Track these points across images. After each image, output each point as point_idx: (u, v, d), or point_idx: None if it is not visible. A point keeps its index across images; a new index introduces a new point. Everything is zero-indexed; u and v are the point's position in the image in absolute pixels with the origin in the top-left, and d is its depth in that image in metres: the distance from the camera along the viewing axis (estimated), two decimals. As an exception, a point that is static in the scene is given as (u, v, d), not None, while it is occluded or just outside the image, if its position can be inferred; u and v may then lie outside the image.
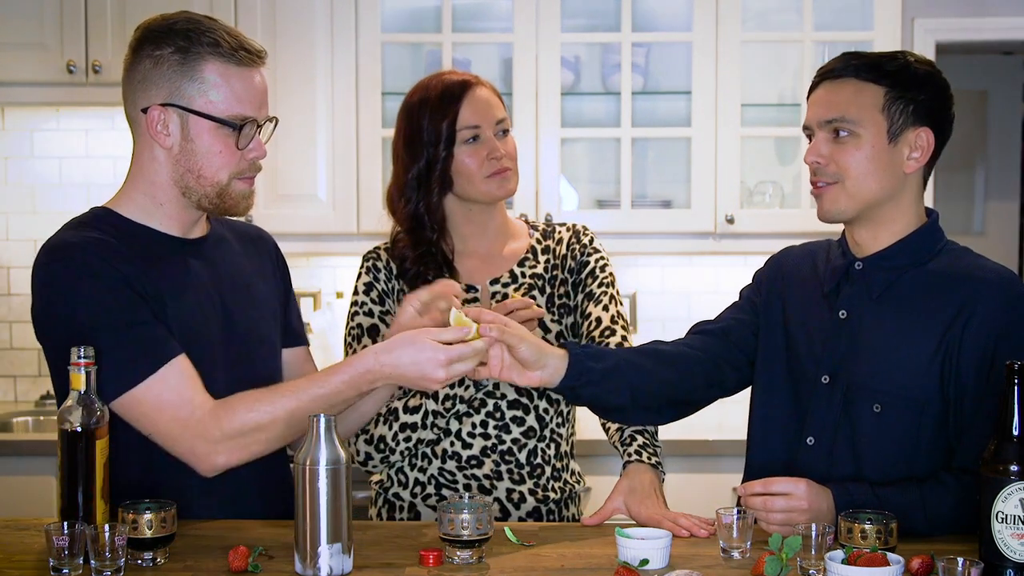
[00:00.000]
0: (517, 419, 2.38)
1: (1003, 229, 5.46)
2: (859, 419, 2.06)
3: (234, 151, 2.03)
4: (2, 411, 3.92)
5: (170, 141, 2.02)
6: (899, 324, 2.05)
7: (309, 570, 1.78)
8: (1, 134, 4.06)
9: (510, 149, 2.43)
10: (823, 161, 2.07)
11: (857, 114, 2.04)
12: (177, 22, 2.03)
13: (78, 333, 1.93)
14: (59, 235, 2.04)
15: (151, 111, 2.02)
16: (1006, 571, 1.71)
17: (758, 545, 1.89)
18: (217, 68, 2.00)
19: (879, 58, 2.08)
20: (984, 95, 5.50)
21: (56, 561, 1.77)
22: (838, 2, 3.86)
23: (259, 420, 1.97)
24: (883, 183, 2.05)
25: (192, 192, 2.05)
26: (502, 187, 2.41)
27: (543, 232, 2.52)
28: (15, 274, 4.07)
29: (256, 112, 2.04)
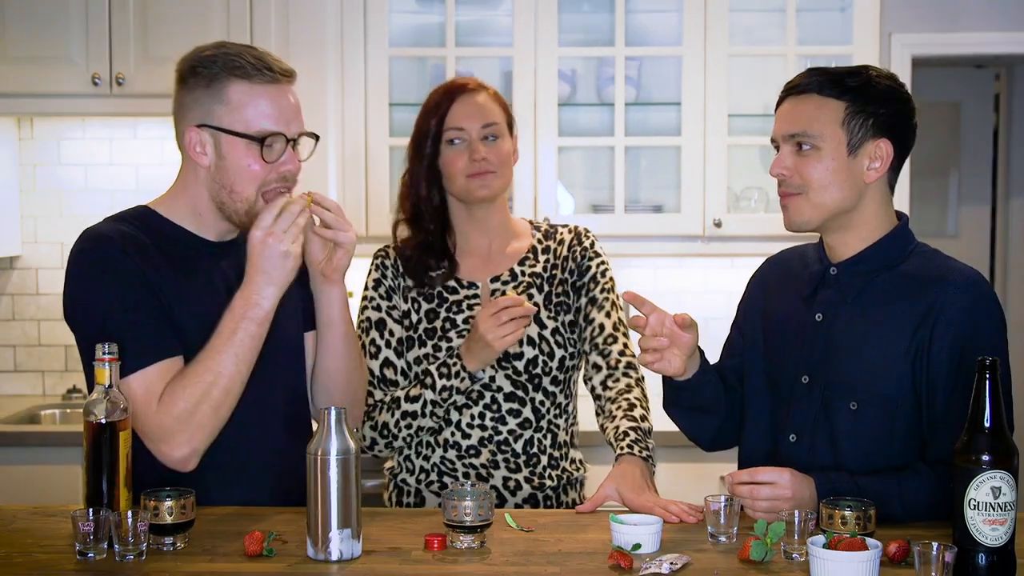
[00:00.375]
0: (513, 411, 2.38)
1: (975, 232, 5.46)
2: (837, 417, 2.06)
3: (263, 165, 2.03)
4: (31, 404, 3.92)
5: (206, 160, 2.06)
6: (872, 326, 2.05)
7: (320, 554, 1.78)
8: (30, 143, 4.06)
9: (498, 153, 2.39)
10: (787, 173, 2.07)
11: (818, 129, 2.04)
12: (207, 50, 2.07)
13: (92, 320, 1.97)
14: (97, 225, 2.07)
15: (188, 133, 2.06)
16: (978, 555, 1.71)
17: (744, 530, 1.89)
18: (240, 88, 2.03)
19: (841, 74, 2.07)
20: (958, 106, 5.50)
21: (82, 545, 1.77)
22: (819, 19, 3.85)
23: (195, 393, 1.95)
24: (844, 193, 2.05)
25: (226, 207, 2.06)
26: (481, 188, 2.39)
27: (545, 232, 2.50)
28: (43, 275, 4.06)
29: (284, 127, 2.04)
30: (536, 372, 2.38)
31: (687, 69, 3.69)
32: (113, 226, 2.06)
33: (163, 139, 4.04)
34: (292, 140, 2.06)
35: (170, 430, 1.95)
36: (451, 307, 2.42)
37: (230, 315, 1.99)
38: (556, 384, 2.41)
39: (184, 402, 1.95)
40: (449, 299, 2.43)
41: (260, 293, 1.99)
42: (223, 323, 1.99)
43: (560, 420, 2.43)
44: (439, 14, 3.81)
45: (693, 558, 1.79)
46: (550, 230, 2.51)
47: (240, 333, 1.98)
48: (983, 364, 1.73)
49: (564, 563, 1.79)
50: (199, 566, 1.77)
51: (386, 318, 2.42)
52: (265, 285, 1.99)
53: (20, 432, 3.56)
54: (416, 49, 3.85)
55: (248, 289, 2.00)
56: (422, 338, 2.41)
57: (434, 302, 2.43)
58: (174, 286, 2.03)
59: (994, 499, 1.70)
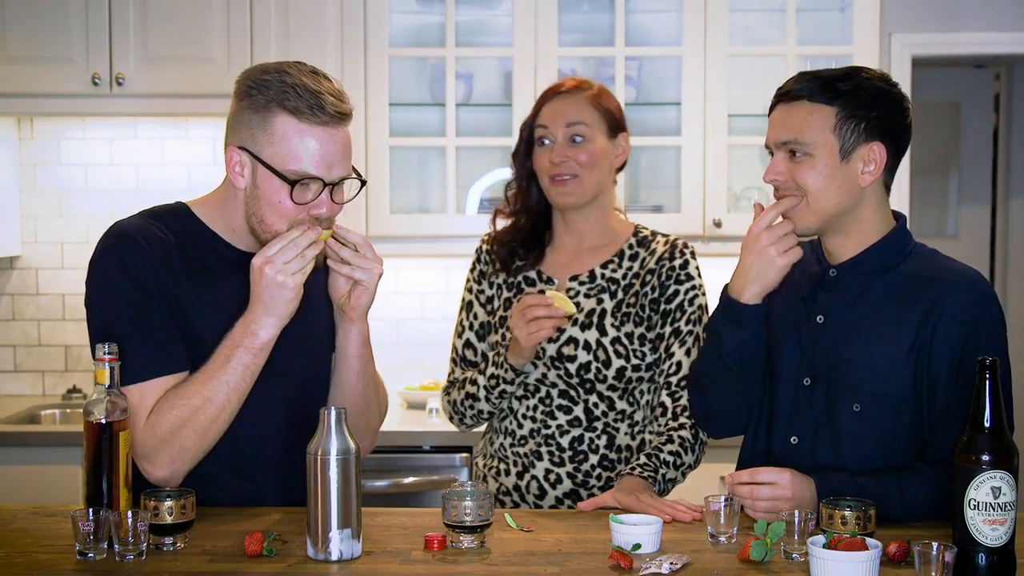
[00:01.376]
0: (563, 408, 2.40)
1: (975, 232, 5.45)
2: (839, 418, 2.05)
3: (292, 205, 1.97)
4: (31, 404, 3.92)
5: (243, 182, 2.01)
6: (874, 327, 2.05)
7: (320, 554, 1.78)
8: (30, 142, 4.06)
9: (582, 154, 2.37)
10: (781, 178, 2.06)
11: (809, 136, 2.03)
12: (269, 71, 1.99)
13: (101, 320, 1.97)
14: (128, 221, 2.05)
15: (230, 151, 2.01)
16: (978, 555, 1.71)
17: (744, 530, 1.89)
18: (287, 123, 1.94)
19: (832, 78, 2.05)
20: (957, 106, 5.50)
21: (82, 545, 1.77)
22: (819, 19, 3.86)
23: (181, 416, 1.94)
24: (840, 198, 2.04)
25: (256, 233, 2.03)
26: (561, 196, 2.40)
27: (641, 239, 2.47)
28: (43, 275, 4.06)
29: (324, 172, 1.96)
30: (588, 377, 2.37)
31: (687, 69, 3.70)
32: (143, 224, 2.03)
33: (163, 139, 4.04)
34: (331, 184, 1.99)
35: (152, 449, 1.94)
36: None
37: (228, 341, 1.96)
38: (614, 391, 2.38)
39: (169, 423, 1.94)
40: (525, 291, 2.46)
41: (258, 323, 1.95)
42: (220, 348, 1.96)
43: (621, 424, 2.39)
44: (439, 14, 3.81)
45: (693, 558, 1.79)
46: (648, 238, 2.47)
47: (234, 361, 1.95)
48: (983, 364, 1.73)
49: (564, 563, 1.79)
50: (199, 566, 1.77)
51: (474, 301, 2.51)
52: (263, 315, 1.95)
53: (20, 432, 3.56)
54: (416, 49, 3.85)
55: (248, 317, 1.96)
56: (496, 326, 2.46)
57: (513, 291, 2.47)
58: (195, 293, 2.01)
59: (994, 499, 1.70)
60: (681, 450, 2.30)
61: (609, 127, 2.43)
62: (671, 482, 2.30)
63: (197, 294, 2.02)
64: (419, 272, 4.07)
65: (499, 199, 3.83)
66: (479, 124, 3.85)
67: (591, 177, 2.39)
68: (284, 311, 1.96)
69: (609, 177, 2.45)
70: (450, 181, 3.75)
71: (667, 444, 2.30)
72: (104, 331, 1.94)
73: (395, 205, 3.77)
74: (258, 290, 1.94)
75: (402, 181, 3.88)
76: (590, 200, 2.41)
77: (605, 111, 2.42)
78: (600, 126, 2.41)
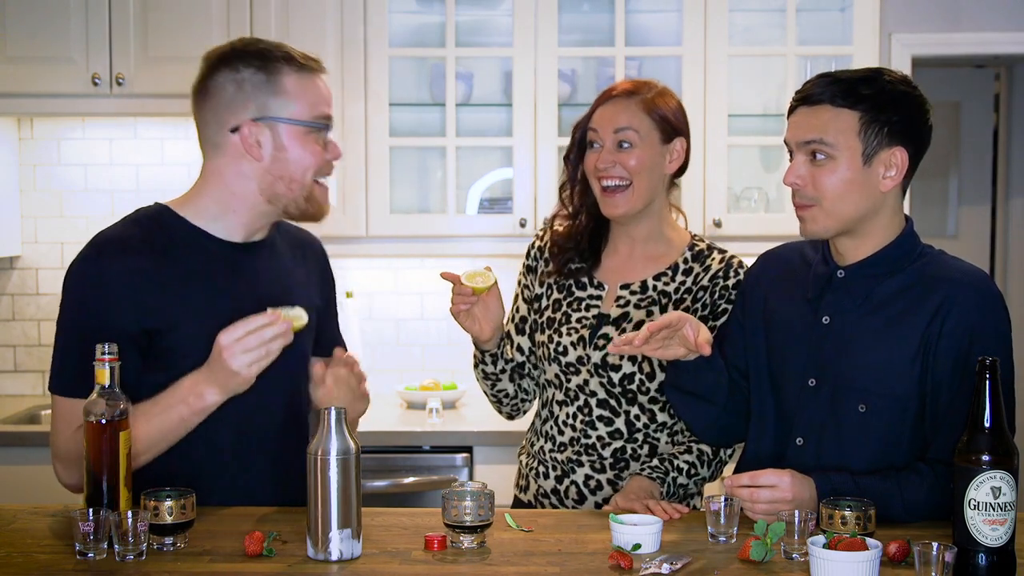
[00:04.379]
0: (604, 419, 2.38)
1: (975, 232, 5.45)
2: (844, 419, 2.04)
3: (319, 152, 2.07)
4: (31, 404, 3.91)
5: (262, 153, 2.04)
6: (881, 328, 2.04)
7: (320, 554, 1.78)
8: (30, 143, 4.06)
9: (629, 161, 2.34)
10: (801, 182, 2.04)
11: (833, 138, 2.00)
12: (246, 45, 2.07)
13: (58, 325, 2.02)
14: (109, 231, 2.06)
15: (243, 128, 2.03)
16: (978, 555, 1.71)
17: (744, 530, 1.89)
18: (294, 79, 2.05)
19: (855, 81, 2.02)
20: (957, 106, 5.49)
21: (82, 545, 1.77)
22: (820, 19, 3.86)
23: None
24: (859, 203, 2.02)
25: (280, 199, 2.06)
26: (611, 208, 2.38)
27: (696, 253, 2.42)
28: (43, 275, 4.06)
29: (331, 111, 2.10)
30: (631, 388, 2.36)
31: (687, 69, 3.69)
32: (123, 232, 2.04)
33: (163, 139, 4.04)
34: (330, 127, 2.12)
35: (68, 459, 1.99)
36: (573, 302, 2.44)
37: (175, 391, 1.97)
38: (655, 403, 2.36)
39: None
40: (575, 294, 2.45)
41: (207, 389, 1.95)
42: (167, 394, 1.97)
43: (662, 434, 2.37)
44: (439, 14, 3.81)
45: (693, 558, 1.79)
46: (704, 251, 2.42)
47: (173, 413, 1.97)
48: (983, 364, 1.73)
49: (564, 563, 1.79)
50: (199, 566, 1.77)
51: (519, 295, 2.55)
52: (213, 385, 1.95)
53: (20, 432, 3.56)
54: (416, 49, 3.85)
55: (199, 378, 1.95)
56: (543, 326, 2.45)
57: (563, 293, 2.46)
58: (179, 294, 2.01)
59: (994, 499, 1.70)
60: (698, 462, 2.31)
61: (662, 133, 2.38)
62: (682, 488, 2.29)
63: (183, 292, 2.02)
64: (419, 272, 4.07)
65: (499, 199, 3.85)
66: (479, 124, 3.85)
67: (640, 185, 2.35)
68: (233, 390, 1.96)
69: (662, 184, 2.40)
70: (450, 181, 3.75)
71: (684, 454, 2.31)
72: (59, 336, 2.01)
73: (395, 205, 3.77)
74: (214, 365, 1.94)
75: (402, 181, 3.88)
76: (642, 208, 2.38)
77: (659, 117, 2.37)
78: (652, 132, 2.36)
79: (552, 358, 2.41)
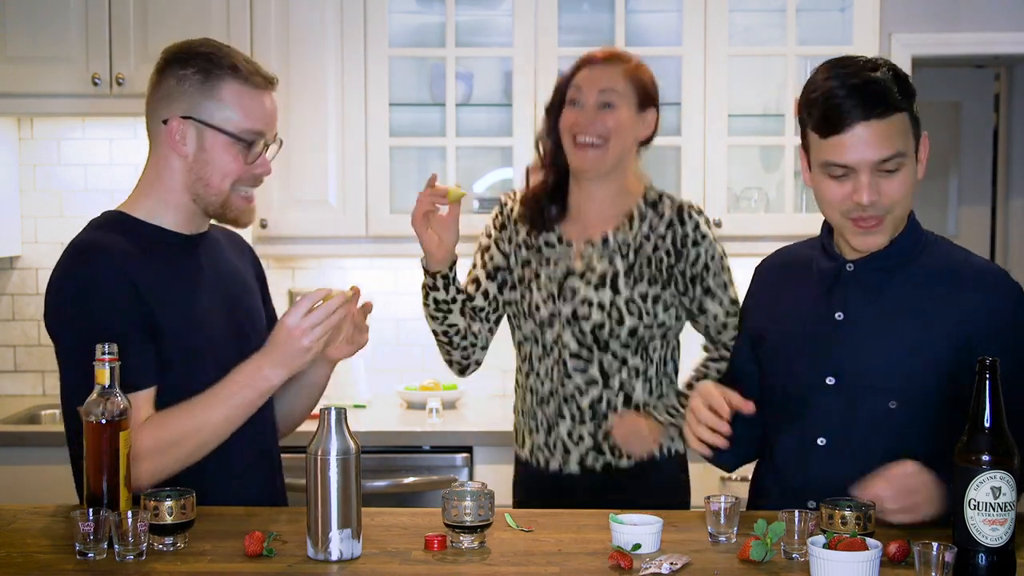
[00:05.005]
0: (579, 368, 2.49)
1: (975, 232, 5.45)
2: (871, 417, 2.01)
3: (242, 165, 2.08)
4: (31, 404, 3.92)
5: (186, 150, 2.06)
6: (899, 320, 2.01)
7: (320, 554, 1.78)
8: (30, 143, 4.06)
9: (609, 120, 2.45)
10: (886, 200, 1.97)
11: (903, 147, 1.95)
12: (201, 46, 2.09)
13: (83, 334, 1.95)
14: (85, 236, 2.07)
15: (171, 122, 2.06)
16: (978, 555, 1.71)
17: (744, 531, 1.89)
18: (234, 89, 2.06)
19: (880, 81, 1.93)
20: (957, 106, 5.49)
21: (82, 545, 1.77)
22: (819, 19, 3.86)
23: (175, 433, 1.99)
24: (911, 201, 2.01)
25: (200, 199, 2.09)
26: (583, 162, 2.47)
27: (651, 202, 2.54)
28: (43, 275, 4.06)
29: (268, 131, 2.10)
30: (602, 335, 2.47)
31: (687, 69, 3.69)
32: (100, 236, 2.05)
33: (163, 139, 4.04)
34: (267, 145, 2.12)
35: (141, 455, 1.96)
36: (543, 261, 2.54)
37: (236, 376, 2.02)
38: (627, 348, 2.48)
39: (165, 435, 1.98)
40: (543, 251, 2.55)
41: (273, 370, 2.03)
42: (228, 381, 2.02)
43: (636, 381, 2.49)
44: (439, 14, 3.81)
45: (693, 558, 1.79)
46: (656, 200, 2.54)
47: (237, 398, 2.01)
48: (983, 364, 1.72)
49: (564, 563, 1.79)
50: (199, 566, 1.77)
51: (492, 245, 2.60)
52: (279, 367, 2.03)
53: (20, 432, 3.57)
54: (416, 49, 3.85)
55: (263, 360, 2.03)
56: (514, 284, 2.56)
57: (531, 250, 2.55)
58: (164, 289, 2.03)
59: (994, 499, 1.70)
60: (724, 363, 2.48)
61: (640, 100, 2.50)
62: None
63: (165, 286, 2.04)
64: (419, 272, 4.05)
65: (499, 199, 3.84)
66: (479, 124, 3.85)
67: (615, 145, 2.46)
68: (298, 368, 2.06)
69: (632, 149, 2.52)
70: (450, 181, 3.74)
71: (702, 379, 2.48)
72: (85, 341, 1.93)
73: (395, 205, 3.76)
74: (280, 348, 2.02)
75: (402, 181, 3.88)
76: (610, 169, 2.48)
77: (638, 84, 2.50)
78: (630, 97, 2.48)
79: (527, 314, 2.53)
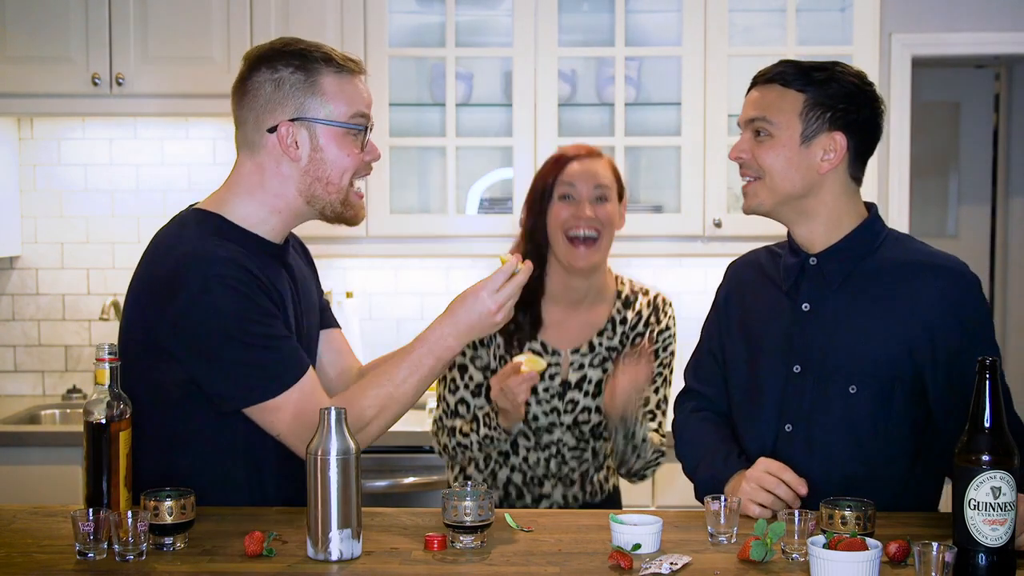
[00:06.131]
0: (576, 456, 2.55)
1: (975, 232, 5.45)
2: (833, 402, 2.09)
3: (357, 154, 2.08)
4: (31, 404, 3.92)
5: (300, 154, 2.04)
6: (862, 310, 2.10)
7: (320, 554, 1.78)
8: (30, 143, 4.06)
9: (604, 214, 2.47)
10: (746, 156, 2.14)
11: (775, 116, 2.11)
12: (285, 45, 2.07)
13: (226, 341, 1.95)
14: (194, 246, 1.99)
15: (280, 128, 2.03)
16: (978, 555, 1.71)
17: (744, 531, 1.89)
18: (333, 80, 2.05)
19: (808, 68, 2.13)
20: (957, 106, 5.49)
21: (82, 545, 1.77)
22: (819, 19, 3.86)
23: (370, 413, 2.02)
24: (796, 181, 2.11)
25: (318, 200, 2.07)
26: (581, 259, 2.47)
27: (625, 300, 2.57)
28: (43, 275, 4.06)
29: (369, 114, 2.10)
30: (600, 431, 2.54)
31: (687, 69, 3.70)
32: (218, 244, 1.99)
33: (163, 139, 4.04)
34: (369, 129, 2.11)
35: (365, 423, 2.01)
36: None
37: (420, 345, 2.06)
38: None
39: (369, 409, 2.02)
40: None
41: (458, 340, 2.06)
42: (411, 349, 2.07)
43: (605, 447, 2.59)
44: (439, 14, 3.81)
45: (693, 558, 1.80)
46: (630, 296, 2.57)
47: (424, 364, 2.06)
48: (983, 364, 1.73)
49: (564, 563, 1.79)
50: (199, 566, 1.77)
51: (468, 364, 2.55)
52: (464, 336, 2.06)
53: (20, 432, 3.56)
54: (416, 49, 3.85)
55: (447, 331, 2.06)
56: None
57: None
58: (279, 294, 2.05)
59: (994, 499, 1.70)
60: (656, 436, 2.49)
61: (618, 191, 2.54)
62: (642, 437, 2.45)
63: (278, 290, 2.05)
64: (419, 272, 4.07)
65: (499, 199, 3.85)
66: (479, 124, 3.85)
67: (608, 237, 2.49)
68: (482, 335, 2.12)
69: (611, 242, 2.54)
70: (450, 181, 3.75)
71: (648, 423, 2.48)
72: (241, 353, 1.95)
73: (395, 205, 3.77)
74: (475, 317, 2.05)
75: (402, 181, 3.88)
76: (601, 263, 2.52)
77: (618, 177, 2.54)
78: (615, 191, 2.52)
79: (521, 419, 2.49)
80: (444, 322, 2.06)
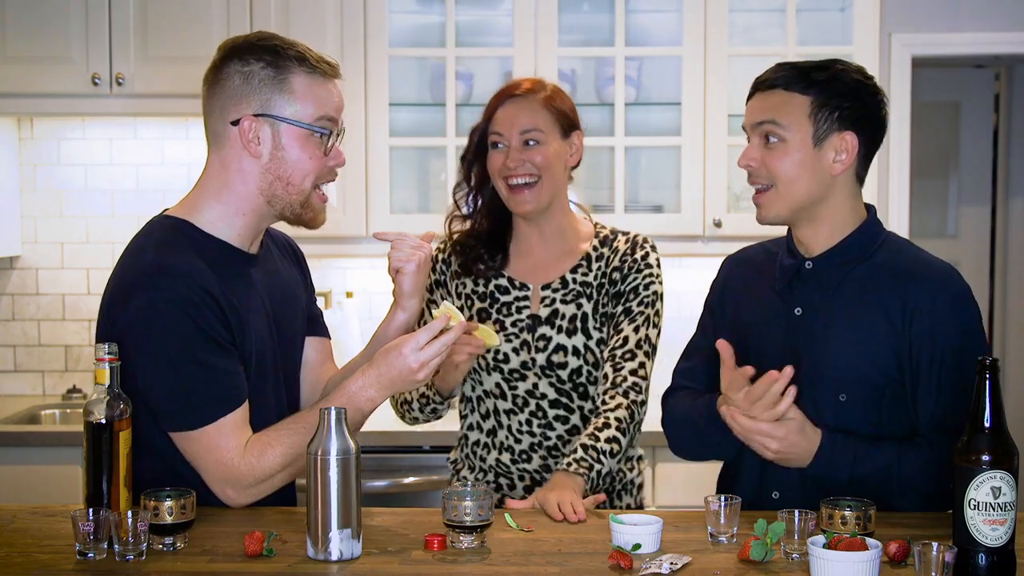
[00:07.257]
0: (560, 418, 2.41)
1: (975, 232, 5.45)
2: (824, 409, 2.07)
3: (320, 158, 2.04)
4: (31, 404, 3.92)
5: (262, 150, 2.01)
6: (853, 317, 2.08)
7: (320, 554, 1.78)
8: (30, 143, 4.06)
9: (537, 158, 2.38)
10: (755, 164, 2.10)
11: (785, 119, 2.06)
12: (260, 39, 2.04)
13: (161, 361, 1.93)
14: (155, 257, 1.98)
15: (243, 122, 2.00)
16: (978, 555, 1.71)
17: (744, 531, 1.89)
18: (304, 80, 2.01)
19: (808, 68, 2.09)
20: (957, 106, 5.49)
21: (82, 545, 1.77)
22: (819, 19, 3.86)
23: (282, 462, 1.99)
24: (811, 186, 2.07)
25: (278, 200, 2.04)
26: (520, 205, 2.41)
27: (603, 239, 2.48)
28: (43, 275, 4.06)
29: (338, 119, 2.06)
30: (580, 381, 2.41)
31: (687, 69, 3.70)
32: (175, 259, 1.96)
33: (163, 139, 4.04)
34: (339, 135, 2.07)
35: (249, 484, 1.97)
36: (501, 308, 2.45)
37: (339, 395, 2.02)
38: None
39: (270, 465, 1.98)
40: (500, 300, 2.45)
41: (379, 393, 2.02)
42: (332, 398, 2.02)
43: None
44: (439, 14, 3.81)
45: (693, 558, 1.80)
46: (609, 236, 2.48)
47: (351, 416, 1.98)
48: (983, 364, 1.73)
49: (564, 563, 1.79)
50: (199, 566, 1.77)
51: (424, 310, 2.43)
52: (385, 390, 2.03)
53: (20, 432, 3.56)
54: (416, 49, 3.85)
55: (369, 382, 2.02)
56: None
57: (486, 302, 2.46)
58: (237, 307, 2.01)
59: (994, 499, 1.70)
60: (619, 434, 2.29)
61: (563, 128, 2.44)
62: (606, 477, 2.28)
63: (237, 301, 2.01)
64: (419, 272, 4.06)
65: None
66: (479, 124, 3.85)
67: (548, 180, 2.40)
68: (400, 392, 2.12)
69: (564, 177, 2.46)
70: (450, 181, 3.74)
71: (604, 429, 2.29)
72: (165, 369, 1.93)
73: (395, 205, 3.77)
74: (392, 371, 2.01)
75: (402, 181, 3.88)
76: (548, 203, 2.43)
77: (559, 113, 2.43)
78: (554, 128, 2.42)
79: (492, 367, 2.43)
80: (368, 373, 2.02)
